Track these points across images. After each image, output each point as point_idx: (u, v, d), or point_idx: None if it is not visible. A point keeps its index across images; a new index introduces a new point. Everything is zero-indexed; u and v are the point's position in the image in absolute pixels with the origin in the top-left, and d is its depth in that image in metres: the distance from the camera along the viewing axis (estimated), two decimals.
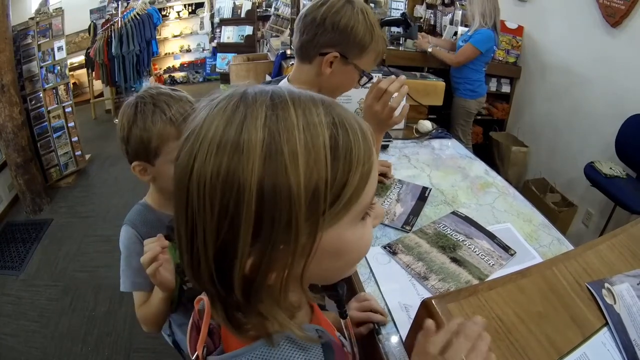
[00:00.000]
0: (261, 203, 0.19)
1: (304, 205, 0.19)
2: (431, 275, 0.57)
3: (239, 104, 0.21)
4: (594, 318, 0.39)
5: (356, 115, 0.23)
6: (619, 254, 0.47)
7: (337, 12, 0.54)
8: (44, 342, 1.22)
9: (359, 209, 0.22)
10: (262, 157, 0.19)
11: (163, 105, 0.47)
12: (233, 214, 0.19)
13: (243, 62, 1.71)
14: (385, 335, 0.47)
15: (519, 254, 0.63)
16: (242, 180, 0.19)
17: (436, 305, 0.32)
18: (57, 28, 2.06)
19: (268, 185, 0.19)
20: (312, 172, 0.19)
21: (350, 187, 0.21)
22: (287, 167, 0.19)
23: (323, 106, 0.22)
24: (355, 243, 0.24)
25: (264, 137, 0.19)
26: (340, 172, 0.20)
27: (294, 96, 0.21)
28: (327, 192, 0.20)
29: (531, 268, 0.42)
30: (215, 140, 0.20)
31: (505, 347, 0.32)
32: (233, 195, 0.19)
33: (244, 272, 0.20)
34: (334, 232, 0.22)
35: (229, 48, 2.97)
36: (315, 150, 0.20)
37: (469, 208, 0.75)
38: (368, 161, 0.22)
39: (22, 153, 1.77)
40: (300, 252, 0.20)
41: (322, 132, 0.20)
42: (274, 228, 0.19)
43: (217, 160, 0.19)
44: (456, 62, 1.68)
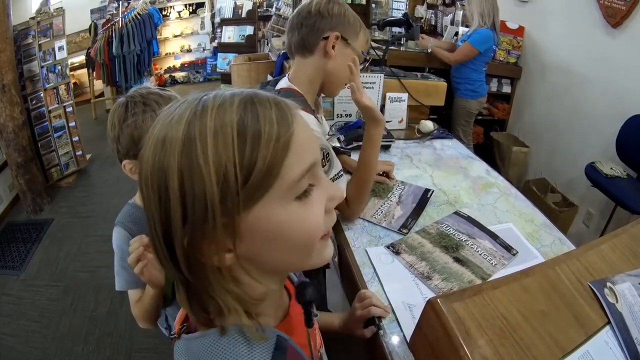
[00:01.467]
0: (182, 189, 0.21)
1: (216, 187, 0.21)
2: (434, 274, 0.57)
3: (177, 107, 0.23)
4: (596, 317, 0.40)
5: (280, 100, 0.24)
6: (620, 254, 0.48)
7: (327, 3, 0.60)
8: (44, 342, 1.22)
9: (284, 186, 0.22)
10: (180, 149, 0.21)
11: (153, 104, 0.49)
12: (166, 200, 0.22)
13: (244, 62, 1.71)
14: (389, 334, 0.47)
15: (521, 254, 0.63)
16: (167, 171, 0.22)
17: (442, 305, 0.32)
18: (58, 28, 2.06)
19: (185, 172, 0.21)
20: (220, 155, 0.21)
21: (261, 163, 0.21)
22: (198, 153, 0.21)
23: (240, 97, 0.23)
24: (290, 223, 0.23)
25: (184, 131, 0.22)
26: (248, 150, 0.21)
27: (218, 94, 0.23)
28: (236, 172, 0.21)
29: (534, 268, 0.42)
30: (153, 140, 0.23)
31: (510, 345, 0.32)
32: (163, 184, 0.22)
33: (183, 249, 0.22)
34: (257, 212, 0.22)
35: (230, 48, 2.97)
36: (223, 135, 0.21)
37: (471, 208, 0.76)
38: (284, 136, 0.22)
39: (23, 153, 1.76)
40: (222, 231, 0.22)
41: (230, 118, 0.22)
42: (195, 210, 0.21)
43: (153, 155, 0.22)
44: (454, 61, 1.68)
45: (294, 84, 0.63)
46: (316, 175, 0.24)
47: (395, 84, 1.17)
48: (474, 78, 1.70)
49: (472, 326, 0.31)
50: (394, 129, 1.13)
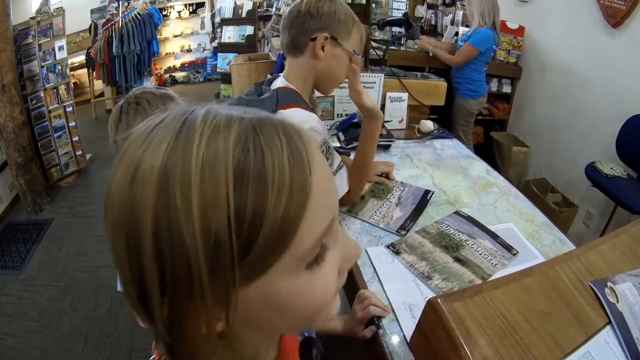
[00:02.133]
0: (158, 251, 0.15)
1: (203, 255, 0.15)
2: (434, 274, 0.57)
3: (154, 127, 0.17)
4: (596, 317, 0.40)
5: (298, 134, 0.18)
6: (620, 254, 0.48)
7: (318, 1, 0.59)
8: (44, 342, 1.22)
9: (297, 256, 0.17)
10: (155, 194, 0.15)
11: (144, 103, 0.49)
12: (137, 260, 0.16)
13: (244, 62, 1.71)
14: (389, 334, 0.47)
15: (521, 254, 0.63)
16: (139, 221, 0.15)
17: (442, 305, 0.32)
18: (58, 28, 2.06)
19: (162, 229, 0.15)
20: (210, 216, 0.15)
21: (269, 226, 0.15)
22: (178, 205, 0.15)
23: (239, 125, 0.16)
24: (297, 299, 0.18)
25: (160, 167, 0.15)
26: (250, 207, 0.15)
27: (209, 115, 0.17)
28: (232, 241, 0.15)
29: (534, 267, 0.42)
30: (122, 171, 0.16)
31: (510, 345, 0.32)
32: (133, 237, 0.16)
33: (163, 321, 0.17)
34: (259, 286, 0.17)
35: (230, 48, 2.97)
36: (213, 185, 0.15)
37: (471, 208, 0.75)
38: (302, 185, 0.16)
39: (23, 153, 1.76)
40: (213, 308, 0.16)
41: (224, 157, 0.15)
42: (176, 282, 0.15)
43: (121, 192, 0.16)
44: (456, 63, 1.68)
45: (290, 83, 0.63)
46: (333, 233, 0.19)
47: (396, 84, 1.17)
48: (474, 78, 1.70)
49: (473, 326, 0.31)
50: (394, 128, 1.13)
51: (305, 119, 0.59)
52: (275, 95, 0.60)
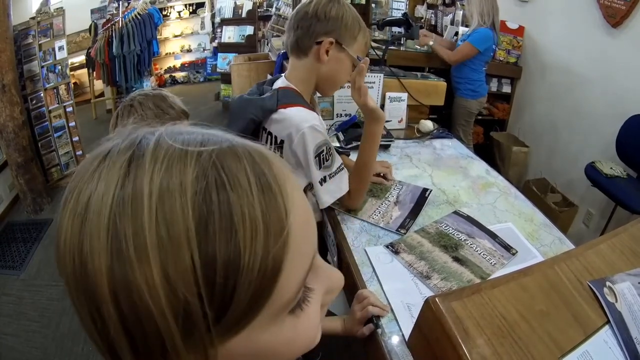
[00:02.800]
0: (122, 317, 0.13)
1: (175, 327, 0.13)
2: (433, 274, 0.57)
3: (97, 168, 0.14)
4: (595, 316, 0.40)
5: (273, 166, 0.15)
6: (620, 253, 0.48)
7: (326, 4, 0.58)
8: (44, 342, 1.22)
9: (279, 305, 0.15)
10: (107, 253, 0.13)
11: (136, 105, 0.50)
12: (102, 324, 0.14)
13: (244, 62, 1.71)
14: (388, 334, 0.47)
15: (520, 254, 0.63)
16: (95, 285, 0.13)
17: (440, 304, 0.32)
18: (58, 28, 2.07)
19: (122, 297, 0.13)
20: (174, 281, 0.13)
21: (248, 280, 0.13)
22: (135, 269, 0.13)
23: (197, 163, 0.14)
24: (281, 346, 0.16)
25: (108, 221, 0.13)
26: (222, 261, 0.13)
27: (158, 149, 0.14)
28: (203, 305, 0.13)
29: (533, 267, 0.42)
30: (69, 218, 0.14)
31: (508, 344, 0.32)
32: (94, 304, 0.13)
33: None
34: (242, 339, 0.15)
35: (230, 48, 2.97)
36: (174, 247, 0.13)
37: (470, 208, 0.75)
38: (279, 236, 0.14)
39: (23, 153, 1.77)
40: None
41: (183, 214, 0.13)
42: (148, 347, 0.14)
43: (70, 249, 0.14)
44: (454, 60, 1.68)
45: (292, 83, 0.63)
46: (315, 270, 0.17)
47: (395, 84, 1.18)
48: (474, 78, 1.70)
49: (471, 325, 0.31)
50: (394, 128, 1.13)
51: (306, 117, 0.59)
52: (276, 95, 0.61)
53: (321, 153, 0.59)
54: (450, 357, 0.31)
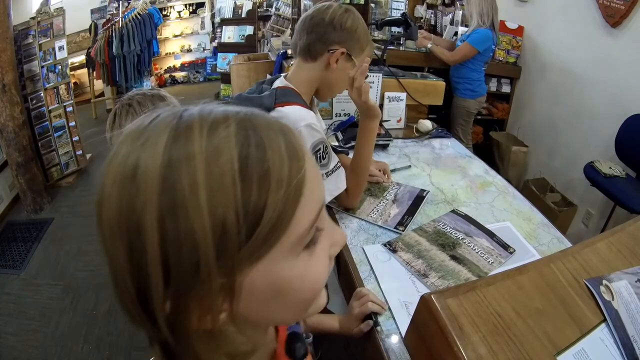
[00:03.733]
0: (164, 244, 0.16)
1: (212, 242, 0.16)
2: (431, 272, 0.57)
3: (144, 130, 0.18)
4: (591, 314, 0.40)
5: (287, 128, 0.19)
6: (617, 252, 0.48)
7: (342, 15, 0.60)
8: (44, 341, 1.22)
9: (293, 239, 0.18)
10: (158, 190, 0.16)
11: (135, 104, 0.50)
12: (139, 256, 0.16)
13: (244, 62, 1.71)
14: (386, 332, 0.48)
15: (518, 252, 0.63)
16: (142, 219, 0.16)
17: (435, 301, 0.32)
18: (58, 27, 2.07)
19: (168, 223, 0.16)
20: (217, 200, 0.16)
21: (271, 211, 0.17)
22: (186, 198, 0.16)
23: (236, 120, 0.18)
24: (298, 279, 0.19)
25: (161, 166, 0.16)
26: (254, 195, 0.17)
27: (204, 113, 0.18)
28: (239, 224, 0.16)
29: (529, 265, 0.42)
30: (118, 172, 0.17)
31: (504, 342, 0.32)
32: (136, 237, 0.16)
33: (165, 315, 0.17)
34: (262, 268, 0.18)
35: (230, 48, 2.98)
36: (220, 174, 0.16)
37: (468, 207, 0.76)
38: (296, 178, 0.18)
39: (23, 152, 1.77)
40: (218, 294, 0.17)
41: (228, 150, 0.17)
42: (182, 270, 0.16)
43: (119, 195, 0.17)
44: (453, 60, 1.68)
45: (292, 84, 0.63)
46: (322, 217, 0.21)
47: (394, 83, 1.18)
48: (473, 78, 1.70)
49: (466, 322, 0.32)
50: (392, 128, 1.13)
51: (303, 116, 0.59)
52: (274, 93, 0.61)
53: (318, 151, 0.59)
54: (445, 353, 0.31)
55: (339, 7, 0.61)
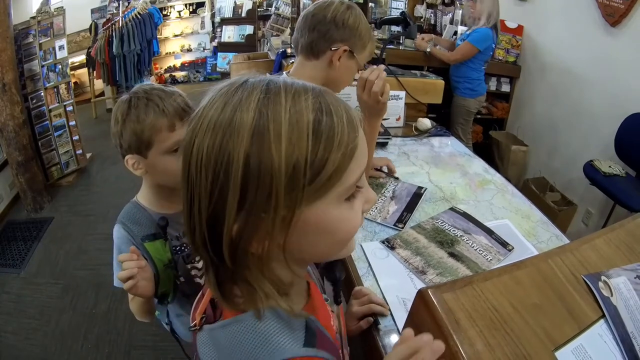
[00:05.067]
0: (246, 175, 0.21)
1: (284, 179, 0.21)
2: (429, 269, 0.57)
3: (237, 89, 0.23)
4: (590, 310, 0.39)
5: (347, 105, 0.24)
6: (615, 248, 0.48)
7: (344, 12, 0.59)
8: (44, 340, 1.22)
9: (343, 189, 0.23)
10: (249, 134, 0.21)
11: (156, 99, 0.49)
12: (222, 183, 0.21)
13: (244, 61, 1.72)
14: (384, 328, 0.48)
15: (517, 250, 0.63)
16: (231, 154, 0.21)
17: (432, 295, 0.32)
18: (59, 27, 2.07)
19: (253, 159, 0.21)
20: (294, 149, 0.21)
21: (331, 165, 0.22)
22: (271, 143, 0.21)
23: (312, 92, 0.23)
24: (340, 222, 0.24)
25: (254, 117, 0.21)
26: (321, 150, 0.22)
27: (287, 83, 0.24)
28: (306, 168, 0.21)
29: (526, 261, 0.42)
30: (213, 120, 0.22)
31: (500, 336, 0.32)
32: (223, 167, 0.21)
33: (231, 236, 0.22)
34: (315, 208, 0.23)
35: (230, 47, 2.99)
36: (298, 130, 0.21)
37: (467, 204, 0.76)
38: (352, 143, 0.23)
39: (23, 152, 1.77)
40: (280, 223, 0.22)
41: (306, 114, 0.22)
42: (256, 198, 0.21)
43: (213, 136, 0.22)
44: (453, 60, 1.68)
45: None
46: (362, 179, 0.26)
47: (393, 82, 1.18)
48: (473, 77, 1.70)
49: (463, 317, 0.31)
50: (392, 126, 1.13)
51: None
52: None
53: None
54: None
55: (341, 3, 0.60)
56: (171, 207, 0.55)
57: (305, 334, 0.24)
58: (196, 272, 0.56)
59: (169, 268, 0.53)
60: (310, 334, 0.25)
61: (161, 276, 0.52)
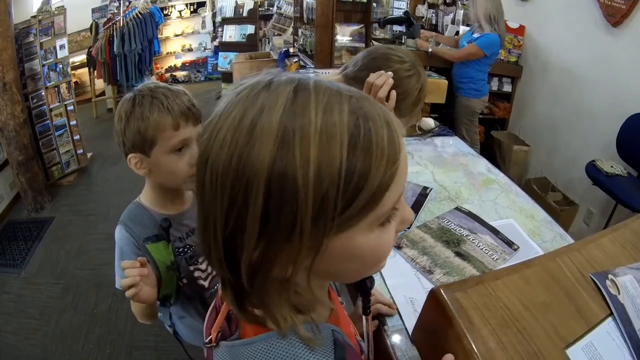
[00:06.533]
0: (268, 198, 0.18)
1: (311, 208, 0.18)
2: (436, 269, 0.57)
3: (260, 92, 0.20)
4: (598, 308, 0.40)
5: (386, 111, 0.21)
6: (620, 247, 0.48)
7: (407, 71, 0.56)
8: (44, 340, 1.22)
9: (378, 215, 0.20)
10: (273, 151, 0.18)
11: (161, 97, 0.48)
12: (241, 207, 0.18)
13: (245, 61, 1.71)
14: (391, 328, 0.47)
15: (522, 249, 0.63)
16: (252, 171, 0.18)
17: (444, 294, 0.32)
18: (59, 26, 2.07)
19: (276, 179, 0.18)
20: (323, 174, 0.18)
21: (366, 193, 0.19)
22: (297, 160, 0.17)
23: (349, 102, 0.19)
24: (370, 250, 0.21)
25: (278, 130, 0.18)
26: (357, 176, 0.18)
27: (319, 89, 0.20)
28: (337, 198, 0.18)
29: (535, 260, 0.42)
30: (231, 129, 0.19)
31: (512, 335, 0.32)
32: (242, 187, 0.18)
33: (250, 261, 0.19)
34: (347, 236, 0.20)
35: (231, 47, 2.98)
36: (331, 148, 0.18)
37: (472, 204, 0.76)
38: (394, 159, 0.19)
39: (24, 151, 1.76)
40: (304, 253, 0.19)
41: (340, 131, 0.18)
42: (279, 226, 0.18)
43: (231, 150, 0.18)
44: (457, 58, 1.68)
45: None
46: (400, 200, 0.22)
47: None
48: (478, 77, 1.70)
49: (475, 315, 0.32)
50: None
51: None
52: None
53: None
54: (455, 347, 0.31)
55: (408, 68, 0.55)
56: (174, 208, 0.54)
57: (334, 350, 0.22)
58: (199, 273, 0.56)
59: (171, 270, 0.52)
60: (339, 349, 0.23)
61: (163, 278, 0.51)
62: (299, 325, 0.21)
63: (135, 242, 0.51)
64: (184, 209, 0.55)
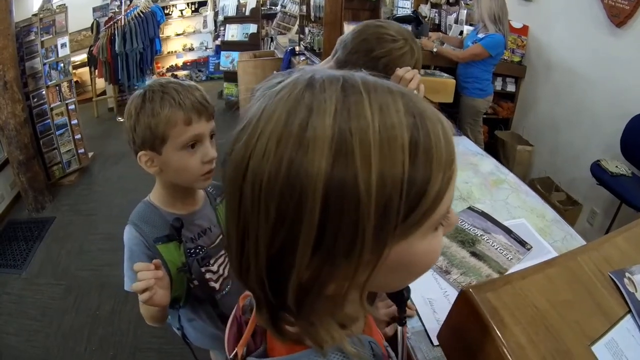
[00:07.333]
0: (326, 210, 0.16)
1: (374, 217, 0.16)
2: (452, 269, 0.57)
3: (304, 93, 0.18)
4: (617, 305, 0.40)
5: (438, 112, 0.20)
6: (635, 246, 0.48)
7: (399, 58, 0.55)
8: (46, 341, 1.20)
9: (436, 219, 0.19)
10: (329, 157, 0.16)
11: (172, 92, 0.47)
12: (292, 221, 0.16)
13: (250, 59, 1.71)
14: (411, 329, 0.47)
15: (535, 249, 0.63)
16: (306, 183, 0.16)
17: (475, 295, 0.32)
18: (61, 25, 2.05)
19: (335, 187, 0.16)
20: (386, 180, 0.16)
21: (429, 198, 0.18)
22: (357, 170, 0.16)
23: (402, 100, 0.18)
24: (424, 256, 0.20)
25: (333, 134, 0.16)
26: (419, 181, 0.17)
27: (369, 87, 0.18)
28: (400, 204, 0.17)
29: (557, 259, 0.42)
30: (275, 134, 0.17)
31: (542, 332, 0.32)
32: (294, 199, 0.16)
33: (300, 281, 0.18)
34: (403, 245, 0.19)
35: (234, 46, 2.97)
36: (392, 154, 0.17)
37: (484, 204, 0.76)
38: (451, 165, 0.19)
39: (25, 150, 1.75)
40: (362, 267, 0.18)
41: (400, 133, 0.17)
42: (337, 239, 0.17)
43: (277, 157, 0.16)
44: (462, 58, 1.69)
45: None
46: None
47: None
48: (483, 77, 1.70)
49: (506, 315, 0.31)
50: None
51: None
52: None
53: None
54: (487, 347, 0.30)
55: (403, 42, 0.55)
56: (185, 208, 0.52)
57: None
58: (211, 275, 0.54)
59: (182, 271, 0.50)
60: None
61: (174, 279, 0.49)
62: (344, 341, 0.20)
63: (145, 242, 0.49)
64: (195, 208, 0.54)
